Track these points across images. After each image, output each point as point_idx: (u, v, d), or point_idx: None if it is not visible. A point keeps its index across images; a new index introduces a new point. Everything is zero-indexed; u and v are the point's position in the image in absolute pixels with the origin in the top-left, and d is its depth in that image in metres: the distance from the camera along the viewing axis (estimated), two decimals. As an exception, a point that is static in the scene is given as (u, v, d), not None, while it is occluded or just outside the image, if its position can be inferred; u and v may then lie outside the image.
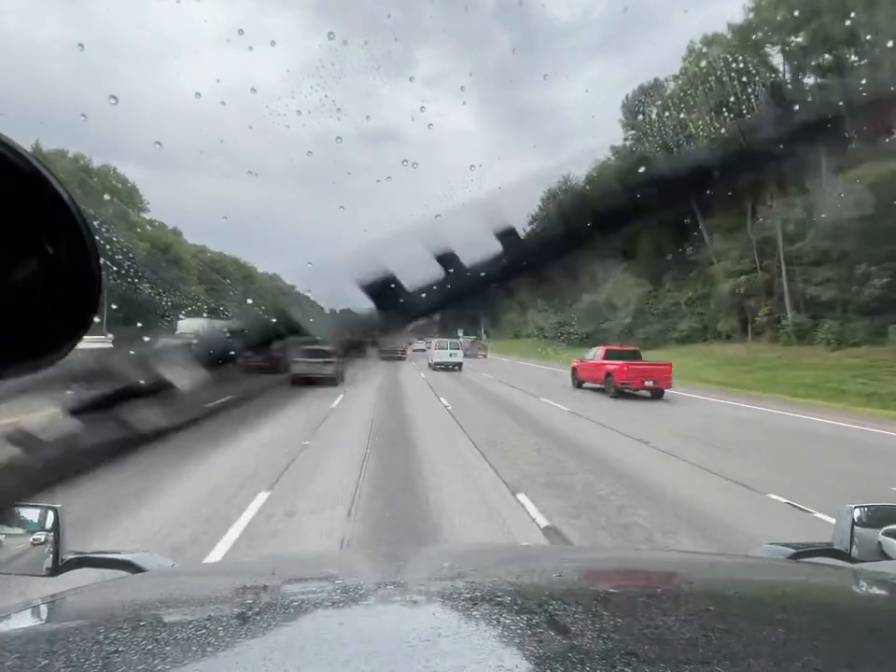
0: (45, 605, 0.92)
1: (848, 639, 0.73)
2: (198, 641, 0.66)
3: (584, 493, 5.71)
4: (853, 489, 6.04)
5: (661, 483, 6.21)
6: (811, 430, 11.02)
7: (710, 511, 5.21)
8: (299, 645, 0.69)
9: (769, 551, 1.33)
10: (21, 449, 0.58)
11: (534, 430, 9.81)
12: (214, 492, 5.44)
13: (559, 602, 0.79)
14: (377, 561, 1.45)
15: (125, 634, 0.70)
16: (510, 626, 0.69)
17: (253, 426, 5.80)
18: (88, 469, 0.60)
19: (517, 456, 7.47)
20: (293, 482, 5.96)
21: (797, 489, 5.96)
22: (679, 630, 0.70)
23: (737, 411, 13.76)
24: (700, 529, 4.71)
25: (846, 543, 1.22)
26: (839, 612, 0.87)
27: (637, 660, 0.59)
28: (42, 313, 0.44)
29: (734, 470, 6.85)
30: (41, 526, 1.15)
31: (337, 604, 0.85)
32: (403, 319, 0.67)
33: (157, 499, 5.03)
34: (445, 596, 0.86)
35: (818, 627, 0.77)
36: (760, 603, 0.88)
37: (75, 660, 0.61)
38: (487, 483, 6.09)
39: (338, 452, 7.52)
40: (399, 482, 6.01)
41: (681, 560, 1.43)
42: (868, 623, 0.80)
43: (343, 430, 9.26)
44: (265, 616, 0.76)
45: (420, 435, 8.98)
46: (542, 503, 5.27)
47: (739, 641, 0.69)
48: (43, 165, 0.41)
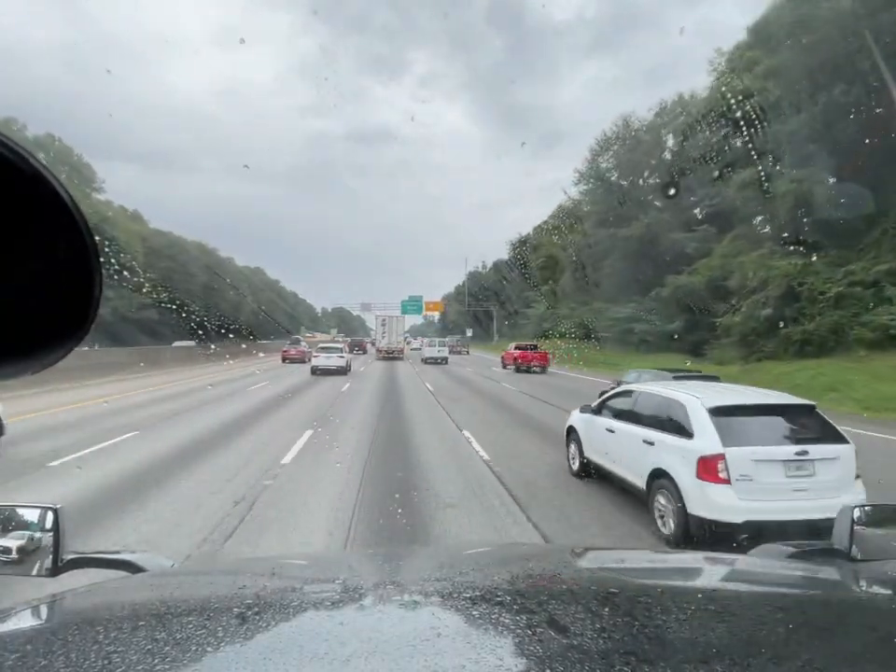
0: (45, 605, 0.93)
1: (848, 639, 0.74)
2: (198, 641, 0.67)
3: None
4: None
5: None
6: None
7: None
8: (299, 645, 0.69)
9: (769, 550, 1.33)
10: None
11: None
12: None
13: (559, 602, 0.82)
14: (377, 561, 1.44)
15: (125, 634, 0.71)
16: (509, 626, 0.70)
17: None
18: None
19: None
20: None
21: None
22: (679, 630, 0.71)
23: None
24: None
25: (845, 543, 1.19)
26: (839, 612, 0.87)
27: (636, 660, 0.60)
28: (42, 313, 0.44)
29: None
30: (41, 527, 1.14)
31: (337, 604, 0.86)
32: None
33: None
34: (445, 596, 0.87)
35: (818, 627, 0.78)
36: (760, 603, 0.89)
37: (74, 660, 0.62)
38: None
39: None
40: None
41: (681, 560, 1.44)
42: (868, 623, 0.81)
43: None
44: (265, 616, 0.76)
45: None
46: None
47: (739, 641, 0.69)
48: (43, 165, 0.41)
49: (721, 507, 4.28)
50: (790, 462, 4.29)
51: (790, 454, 4.32)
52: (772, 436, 4.49)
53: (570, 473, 7.15)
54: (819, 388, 14.91)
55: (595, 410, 6.71)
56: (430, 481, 6.75)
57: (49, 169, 0.41)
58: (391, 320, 38.53)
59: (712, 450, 4.35)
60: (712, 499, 4.31)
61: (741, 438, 4.39)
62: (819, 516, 4.16)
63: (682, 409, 4.85)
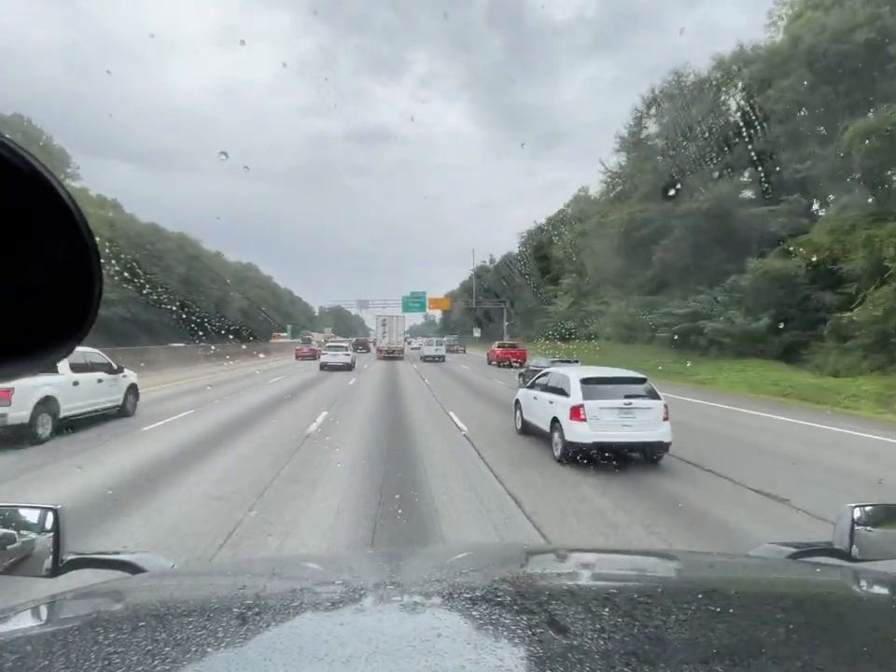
0: (45, 606, 0.94)
1: (848, 639, 0.74)
2: (197, 642, 0.67)
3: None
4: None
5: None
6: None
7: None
8: (299, 645, 0.70)
9: (769, 550, 1.32)
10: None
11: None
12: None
13: (559, 602, 0.82)
14: (377, 561, 1.45)
15: (125, 635, 0.72)
16: (509, 626, 0.70)
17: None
18: None
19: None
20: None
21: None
22: (679, 630, 0.71)
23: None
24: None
25: (846, 543, 1.20)
26: (839, 612, 0.88)
27: (636, 660, 0.60)
28: (41, 313, 0.43)
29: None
30: (41, 528, 1.14)
31: (337, 604, 0.86)
32: None
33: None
34: (445, 596, 0.87)
35: (818, 627, 0.79)
36: (760, 603, 0.90)
37: (74, 661, 0.62)
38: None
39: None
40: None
41: (681, 560, 1.42)
42: (868, 623, 0.82)
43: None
44: (265, 616, 0.77)
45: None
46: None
47: (739, 641, 0.70)
48: (43, 166, 0.40)
49: (581, 435, 7.34)
50: (621, 409, 7.33)
51: (622, 404, 7.36)
52: (613, 393, 7.53)
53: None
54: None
55: (529, 386, 9.76)
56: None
57: (49, 169, 0.41)
58: (391, 320, 39.95)
59: (577, 402, 7.39)
60: (577, 431, 7.37)
61: (594, 395, 7.45)
62: (636, 440, 7.37)
63: (567, 380, 7.91)
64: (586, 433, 7.26)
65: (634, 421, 7.27)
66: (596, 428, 7.24)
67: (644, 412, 7.34)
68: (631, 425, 7.26)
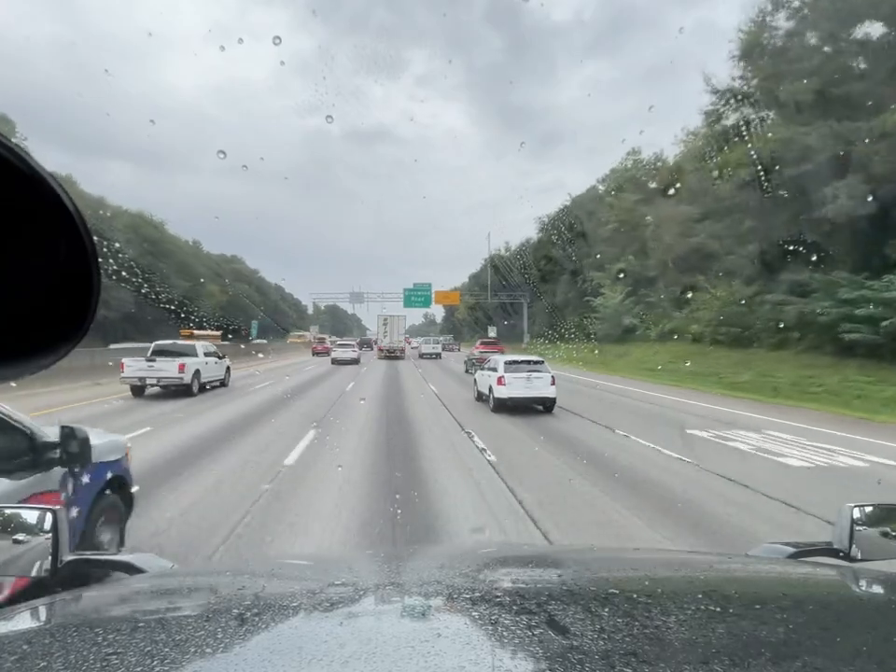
0: (44, 606, 0.93)
1: (848, 638, 0.73)
2: (197, 642, 0.67)
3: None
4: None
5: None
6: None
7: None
8: (298, 646, 0.70)
9: (769, 550, 1.33)
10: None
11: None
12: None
13: (559, 602, 0.81)
14: (377, 561, 1.45)
15: (123, 635, 0.71)
16: (509, 626, 0.70)
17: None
18: None
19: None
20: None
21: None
22: (679, 630, 0.71)
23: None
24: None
25: (845, 543, 1.22)
26: (839, 612, 0.87)
27: (636, 660, 0.60)
28: (40, 314, 0.44)
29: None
30: (40, 528, 1.14)
31: (336, 605, 0.86)
32: None
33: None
34: (445, 596, 0.88)
35: (817, 626, 0.77)
36: (760, 603, 0.88)
37: (73, 661, 0.62)
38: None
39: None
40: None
41: (681, 560, 1.42)
42: (868, 623, 0.82)
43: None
44: (264, 617, 0.77)
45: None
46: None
47: (739, 641, 0.69)
48: (41, 167, 0.41)
49: (502, 392, 12.86)
50: (526, 378, 12.83)
51: (526, 374, 12.86)
52: (522, 369, 13.03)
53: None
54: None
55: (481, 368, 15.27)
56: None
57: (48, 171, 0.41)
58: (392, 319, 41.04)
59: (501, 374, 12.93)
60: (500, 391, 12.89)
61: (511, 369, 12.98)
62: (534, 395, 13.08)
63: (497, 362, 13.47)
64: (506, 392, 12.76)
65: (533, 385, 12.76)
66: (511, 390, 12.74)
67: (539, 380, 12.84)
68: (530, 387, 12.76)
